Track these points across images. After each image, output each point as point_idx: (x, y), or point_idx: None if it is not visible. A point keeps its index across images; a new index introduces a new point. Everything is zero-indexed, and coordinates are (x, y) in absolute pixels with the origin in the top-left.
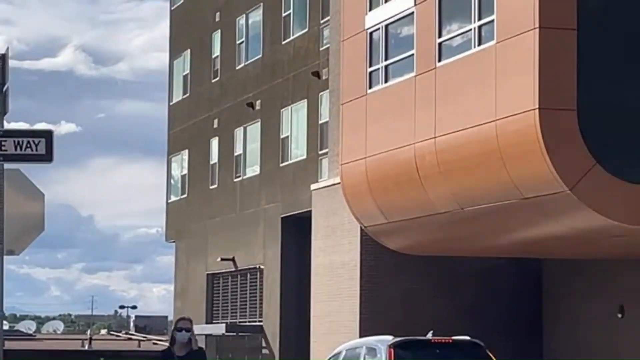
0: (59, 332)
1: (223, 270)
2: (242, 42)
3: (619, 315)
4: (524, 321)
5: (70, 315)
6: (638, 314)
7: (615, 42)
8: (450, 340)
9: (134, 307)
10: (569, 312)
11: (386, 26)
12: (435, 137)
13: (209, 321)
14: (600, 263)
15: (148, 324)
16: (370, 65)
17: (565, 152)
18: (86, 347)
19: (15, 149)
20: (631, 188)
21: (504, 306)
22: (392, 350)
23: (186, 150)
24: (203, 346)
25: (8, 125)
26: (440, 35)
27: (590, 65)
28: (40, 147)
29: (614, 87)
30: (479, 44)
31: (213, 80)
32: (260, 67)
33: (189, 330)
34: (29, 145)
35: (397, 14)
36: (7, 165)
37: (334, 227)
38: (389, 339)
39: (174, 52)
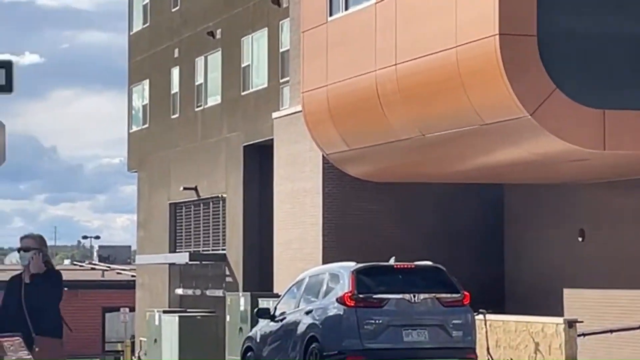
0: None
1: (185, 200)
2: None
3: (580, 239)
4: (485, 246)
5: None
6: (598, 238)
7: None
8: (413, 266)
9: (97, 237)
10: (530, 237)
11: None
12: (396, 64)
13: (172, 250)
14: (561, 187)
15: (111, 254)
16: None
17: (526, 78)
18: None
19: None
20: (590, 112)
21: (465, 231)
22: (355, 276)
23: (147, 80)
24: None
25: None
26: None
27: None
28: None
29: (573, 13)
30: None
31: (173, 10)
32: None
33: (28, 249)
34: None
35: None
36: None
37: (296, 155)
38: (352, 265)
39: None
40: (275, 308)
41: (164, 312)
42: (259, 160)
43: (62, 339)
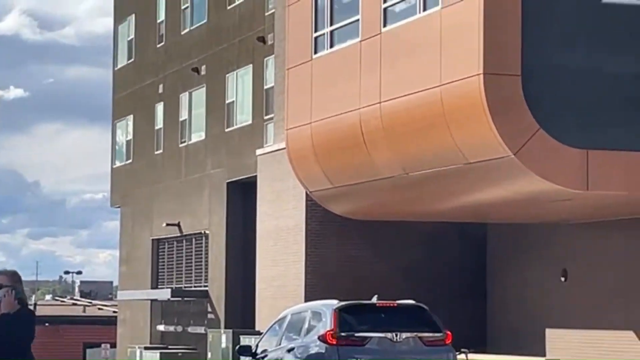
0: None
1: (168, 236)
2: (187, 7)
3: (562, 279)
4: (468, 285)
5: None
6: (581, 278)
7: (560, 6)
8: (395, 305)
9: (79, 273)
10: (512, 276)
11: None
12: (380, 102)
13: (154, 286)
14: (544, 227)
15: (93, 290)
16: (316, 31)
17: (509, 117)
18: None
19: None
20: (574, 153)
21: (448, 270)
22: (337, 314)
23: (131, 116)
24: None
25: None
26: (385, 1)
27: (535, 30)
28: None
29: (558, 52)
30: (424, 10)
31: (158, 45)
32: (205, 32)
33: (0, 287)
34: None
35: None
36: None
37: (280, 192)
38: (334, 303)
39: (119, 16)
40: (257, 345)
41: (145, 348)
42: (242, 197)
43: None
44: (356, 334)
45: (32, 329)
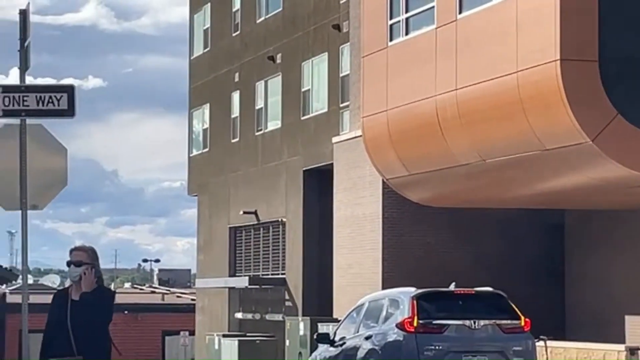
0: None
1: (245, 224)
2: None
3: None
4: (546, 272)
5: None
6: None
7: None
8: (473, 292)
9: (157, 261)
10: (591, 263)
11: None
12: (456, 89)
13: (232, 274)
14: (622, 213)
15: (171, 277)
16: (391, 18)
17: (587, 103)
18: None
19: (37, 104)
20: None
21: (525, 257)
22: (415, 302)
23: (207, 104)
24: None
25: (35, 81)
26: None
27: (612, 15)
28: (62, 102)
29: (635, 38)
30: None
31: (234, 34)
32: (280, 20)
33: (80, 264)
34: (50, 100)
35: None
36: (29, 121)
37: (356, 179)
38: (412, 290)
39: (195, 6)
40: (335, 333)
41: (224, 336)
42: (318, 185)
43: None
44: (434, 322)
45: (111, 309)
